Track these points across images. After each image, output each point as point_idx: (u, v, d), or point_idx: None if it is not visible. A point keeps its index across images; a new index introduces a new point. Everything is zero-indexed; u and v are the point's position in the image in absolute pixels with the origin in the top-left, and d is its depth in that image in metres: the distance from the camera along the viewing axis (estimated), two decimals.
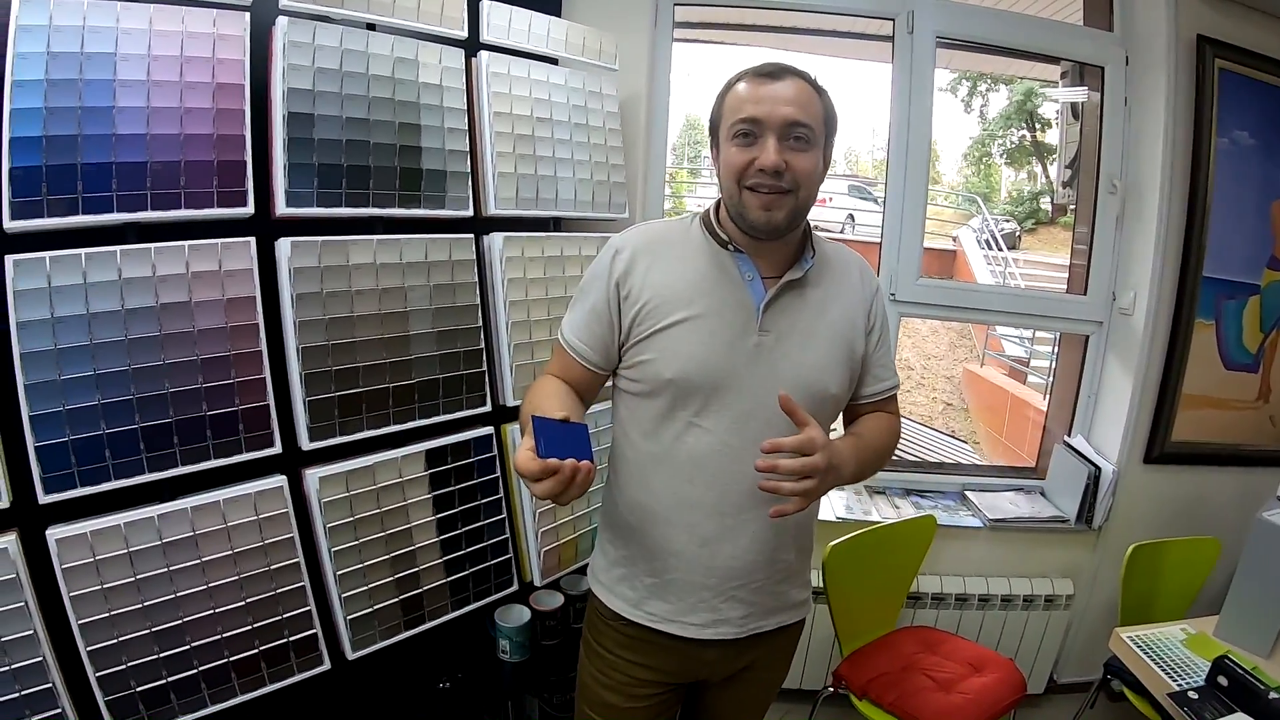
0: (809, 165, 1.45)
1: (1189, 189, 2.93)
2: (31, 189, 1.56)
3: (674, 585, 1.62)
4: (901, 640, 2.79)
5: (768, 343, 1.51)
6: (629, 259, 1.57)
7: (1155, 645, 2.30)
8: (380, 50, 2.00)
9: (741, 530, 1.56)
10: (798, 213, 1.48)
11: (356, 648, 2.01)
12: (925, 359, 11.72)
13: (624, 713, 1.74)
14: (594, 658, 1.78)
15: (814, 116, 1.45)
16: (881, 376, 1.70)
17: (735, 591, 1.60)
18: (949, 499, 3.31)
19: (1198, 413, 3.11)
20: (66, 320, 1.59)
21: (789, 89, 1.44)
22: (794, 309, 1.54)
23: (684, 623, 1.63)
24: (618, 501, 1.70)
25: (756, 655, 1.72)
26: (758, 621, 1.65)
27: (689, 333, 1.51)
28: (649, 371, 1.54)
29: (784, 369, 1.51)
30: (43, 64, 1.56)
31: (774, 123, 1.42)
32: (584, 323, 1.61)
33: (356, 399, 1.98)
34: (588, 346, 1.60)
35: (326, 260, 1.92)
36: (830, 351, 1.56)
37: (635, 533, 1.65)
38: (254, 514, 1.83)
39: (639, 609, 1.67)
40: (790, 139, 1.43)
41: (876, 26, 3.14)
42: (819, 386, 1.54)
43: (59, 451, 1.60)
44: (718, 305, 1.52)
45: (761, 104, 1.43)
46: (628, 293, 1.55)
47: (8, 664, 1.55)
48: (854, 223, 11.59)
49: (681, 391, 1.52)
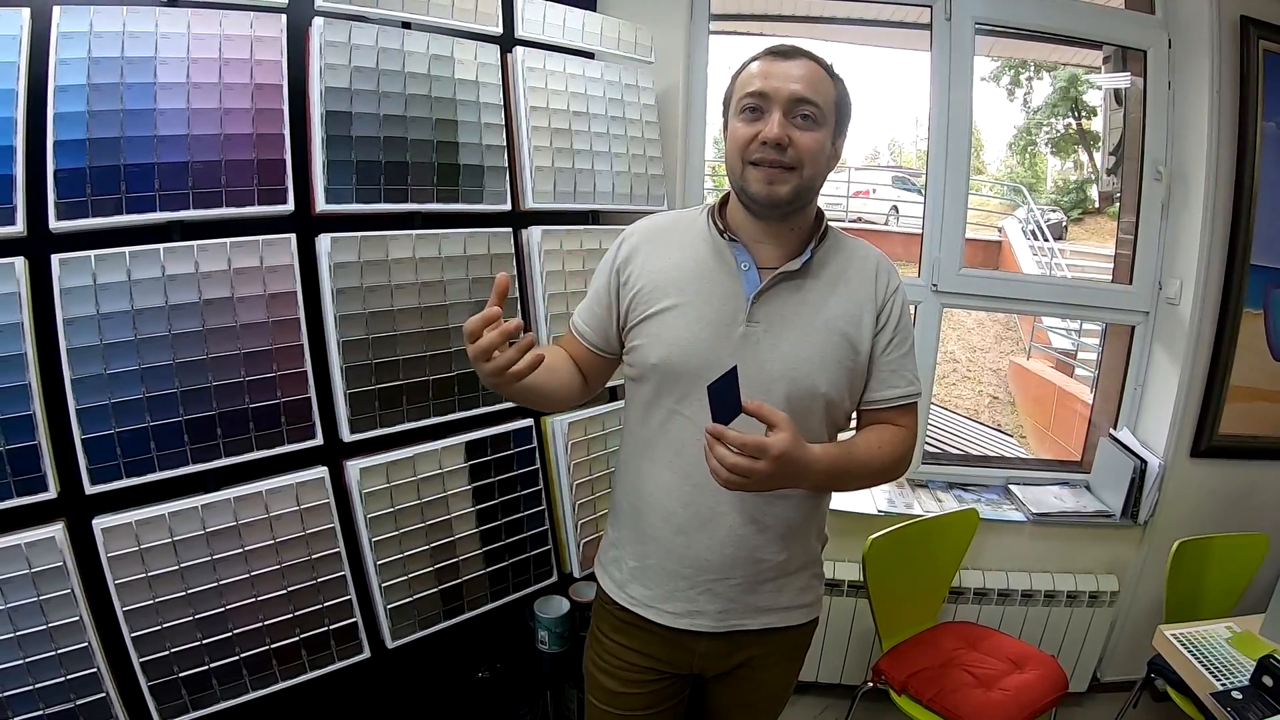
0: (813, 144, 1.44)
1: (1235, 174, 2.87)
2: (76, 190, 1.60)
3: (652, 571, 1.63)
4: (942, 636, 2.77)
5: (755, 334, 1.50)
6: (632, 246, 1.61)
7: (1199, 643, 2.26)
8: (416, 48, 2.03)
9: (718, 523, 1.56)
10: (801, 191, 1.46)
11: (396, 637, 2.05)
12: (970, 351, 11.57)
13: (619, 697, 1.74)
14: (594, 643, 1.80)
15: (823, 97, 1.44)
16: (891, 383, 1.59)
17: (712, 585, 1.59)
18: (992, 493, 3.28)
19: (1246, 405, 3.04)
20: (112, 316, 1.64)
21: (799, 68, 1.44)
22: (788, 301, 1.52)
23: (661, 609, 1.64)
24: (616, 485, 1.76)
25: (753, 654, 1.69)
26: (738, 619, 1.63)
27: (676, 319, 1.52)
28: (638, 357, 1.57)
29: (770, 361, 1.49)
30: (84, 69, 1.61)
31: (780, 97, 1.42)
32: (588, 305, 1.68)
33: (397, 391, 2.01)
34: (588, 327, 1.67)
35: (366, 255, 1.95)
36: (823, 348, 1.52)
37: (625, 516, 1.69)
38: (296, 504, 1.87)
39: (623, 591, 1.69)
40: (796, 116, 1.43)
41: (915, 15, 3.10)
42: (806, 382, 1.50)
43: (105, 443, 1.64)
44: (707, 293, 1.52)
45: (769, 79, 1.44)
46: (626, 278, 1.59)
47: (54, 649, 1.60)
48: (898, 214, 11.43)
49: (666, 377, 1.53)
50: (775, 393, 1.48)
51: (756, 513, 1.55)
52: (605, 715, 1.78)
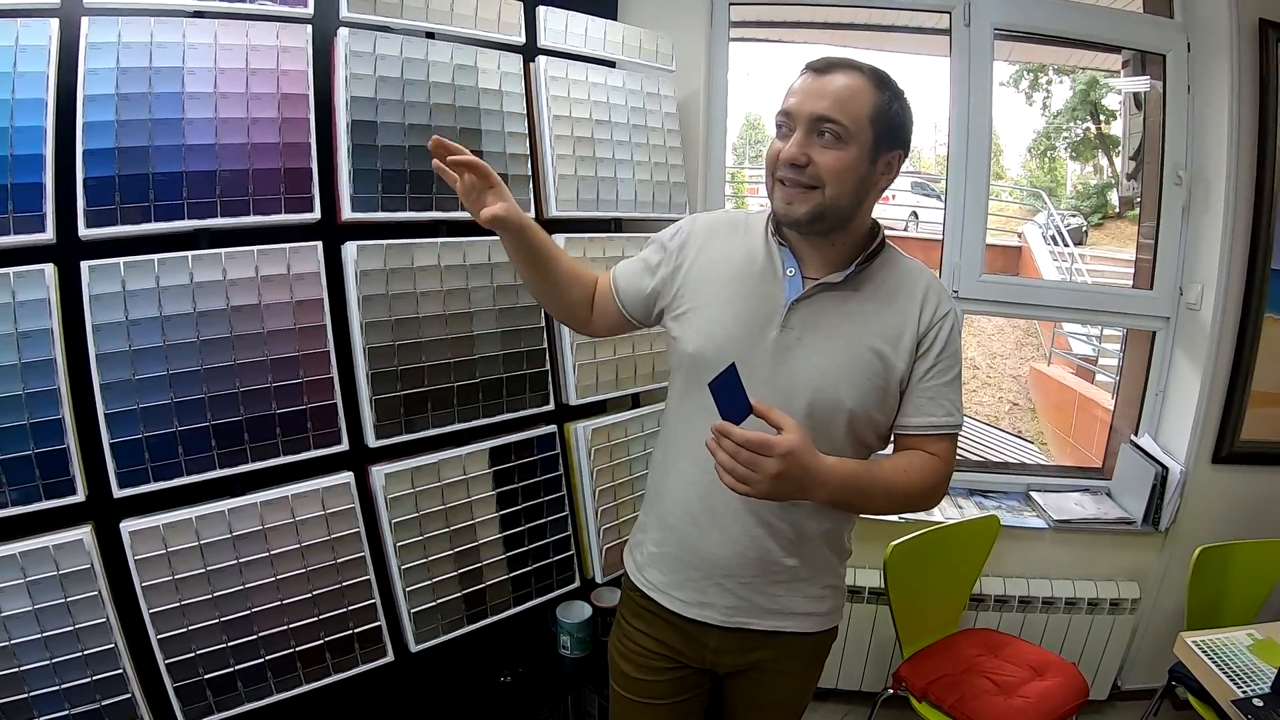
0: (834, 162, 1.41)
1: (1255, 178, 2.86)
2: (105, 198, 1.63)
3: (668, 558, 1.66)
4: (963, 642, 2.76)
5: (788, 339, 1.50)
6: (687, 234, 1.65)
7: (1221, 651, 2.25)
8: (440, 58, 2.04)
9: (731, 520, 1.57)
10: (824, 210, 1.44)
11: (419, 640, 2.06)
12: (991, 357, 11.52)
13: (636, 683, 1.76)
14: (617, 627, 1.83)
15: (851, 113, 1.40)
16: (927, 410, 1.56)
17: (722, 580, 1.61)
18: (1013, 499, 3.27)
19: (1268, 411, 3.02)
20: (140, 322, 1.66)
21: (831, 84, 1.42)
22: (828, 312, 1.52)
23: (673, 596, 1.66)
24: (650, 470, 1.81)
25: (764, 655, 1.69)
26: (746, 618, 1.63)
27: (715, 313, 1.55)
28: (676, 346, 1.61)
29: (799, 368, 1.50)
30: (113, 79, 1.63)
31: (802, 116, 1.42)
32: (633, 269, 1.73)
33: (422, 397, 2.03)
34: (628, 285, 1.72)
35: (391, 263, 1.97)
36: (854, 363, 1.50)
37: (652, 502, 1.74)
38: (321, 509, 1.89)
39: (641, 574, 1.73)
40: (819, 134, 1.42)
41: (934, 20, 3.11)
42: (831, 393, 1.49)
43: (133, 448, 1.66)
44: (749, 293, 1.54)
45: (796, 96, 1.44)
46: (680, 263, 1.63)
47: (81, 650, 1.62)
48: (918, 220, 11.34)
49: (697, 369, 1.53)
50: (797, 401, 1.48)
51: (770, 515, 1.55)
52: (624, 701, 1.80)
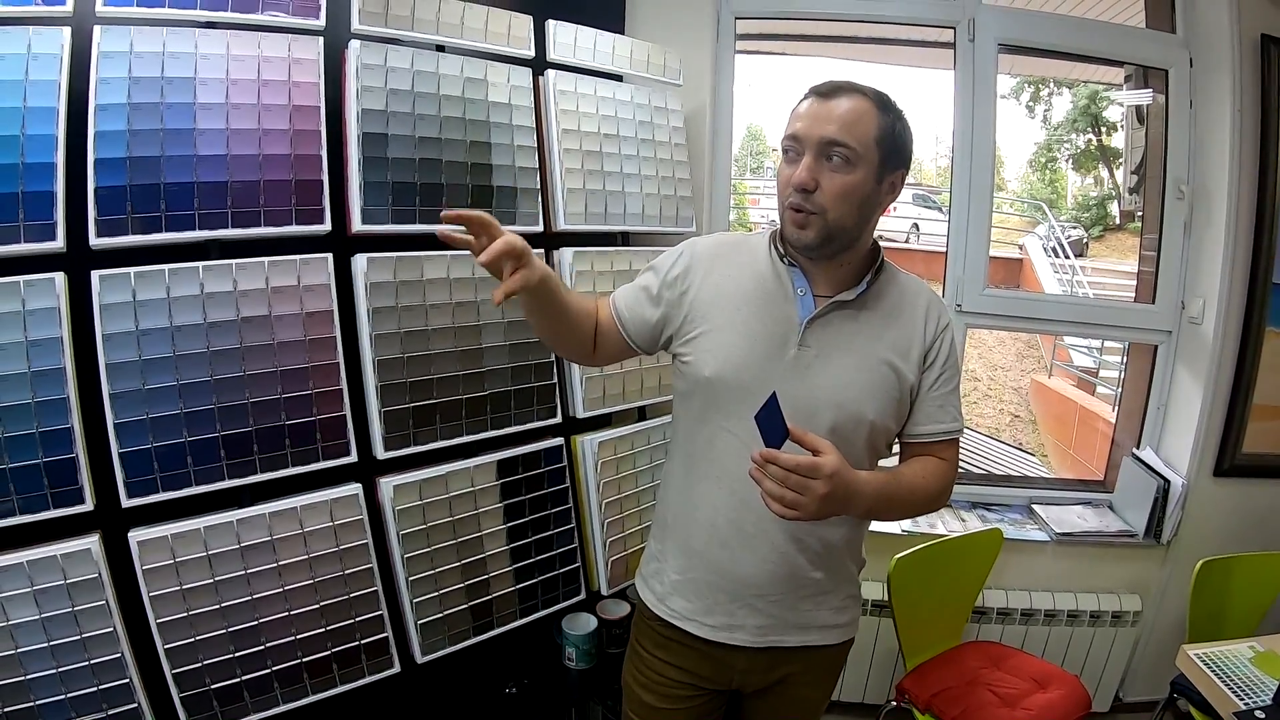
0: (840, 187, 1.43)
1: (1257, 193, 2.87)
2: (116, 208, 1.63)
3: (694, 584, 1.65)
4: (966, 655, 2.76)
5: (806, 358, 1.52)
6: (689, 260, 1.63)
7: (1222, 663, 2.25)
8: (450, 71, 2.05)
9: (761, 540, 1.57)
10: (831, 233, 1.47)
11: (426, 652, 2.06)
12: (992, 370, 11.52)
13: (658, 712, 1.76)
14: (634, 657, 1.82)
15: (859, 136, 1.43)
16: (936, 418, 1.62)
17: (753, 601, 1.61)
18: (1015, 512, 3.27)
19: (1269, 424, 3.03)
20: (150, 333, 1.66)
21: (837, 108, 1.43)
22: (842, 329, 1.54)
23: (701, 622, 1.65)
24: (661, 498, 1.78)
25: (792, 670, 1.71)
26: (778, 635, 1.65)
27: (730, 337, 1.54)
28: (689, 371, 1.59)
29: (820, 385, 1.51)
30: (125, 88, 1.64)
31: (810, 140, 1.43)
32: (634, 295, 1.69)
33: (430, 410, 2.03)
34: (630, 314, 1.68)
35: (401, 275, 1.97)
36: (872, 377, 1.54)
37: (669, 529, 1.71)
38: (329, 520, 1.89)
39: (664, 604, 1.71)
40: (828, 158, 1.43)
41: (937, 34, 3.13)
42: (854, 407, 1.52)
43: (142, 457, 1.66)
44: (762, 314, 1.54)
45: (804, 121, 1.45)
46: (686, 289, 1.61)
47: (88, 659, 1.62)
48: (919, 232, 11.35)
49: (715, 393, 1.55)
50: (821, 418, 1.49)
51: (799, 531, 1.56)
52: None
